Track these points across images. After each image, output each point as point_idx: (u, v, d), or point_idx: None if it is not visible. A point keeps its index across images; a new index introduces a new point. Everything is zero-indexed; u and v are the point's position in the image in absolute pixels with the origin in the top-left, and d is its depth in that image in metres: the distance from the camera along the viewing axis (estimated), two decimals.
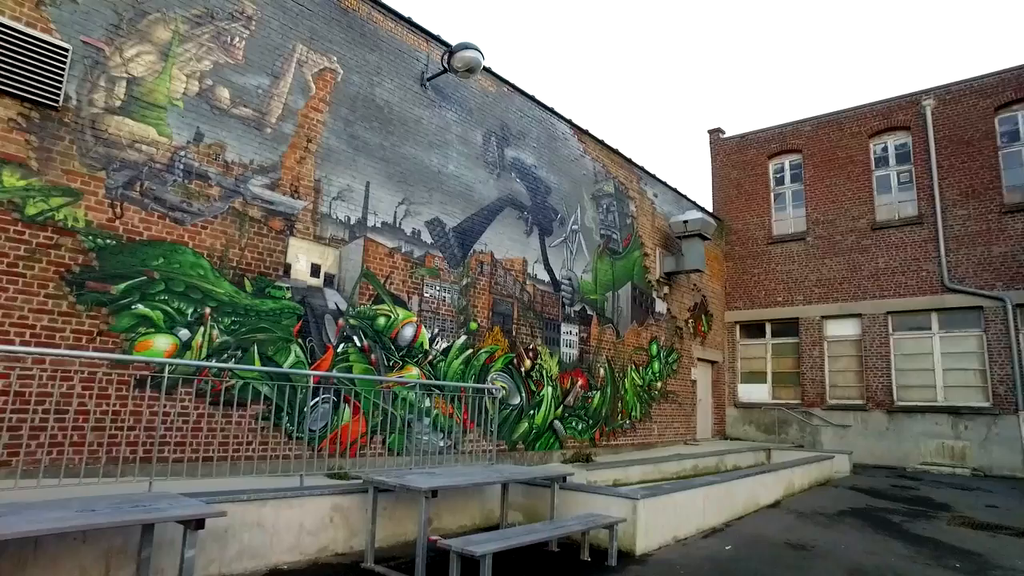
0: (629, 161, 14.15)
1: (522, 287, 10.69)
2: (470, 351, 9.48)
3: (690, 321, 15.94)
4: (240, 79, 7.04)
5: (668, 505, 6.21)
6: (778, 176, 17.51)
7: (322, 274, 7.63)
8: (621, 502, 5.80)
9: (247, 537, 4.60)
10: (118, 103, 6.00)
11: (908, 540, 6.84)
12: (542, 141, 11.60)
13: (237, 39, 7.05)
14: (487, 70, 10.51)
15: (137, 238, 6.03)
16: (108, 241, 5.82)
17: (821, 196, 16.39)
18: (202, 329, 6.42)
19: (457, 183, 9.64)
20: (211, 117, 6.73)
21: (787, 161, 17.36)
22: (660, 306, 14.66)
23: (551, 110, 11.86)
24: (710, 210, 18.18)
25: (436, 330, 8.98)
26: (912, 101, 15.48)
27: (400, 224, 8.66)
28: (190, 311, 6.34)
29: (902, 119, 15.55)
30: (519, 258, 10.69)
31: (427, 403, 8.62)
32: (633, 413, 13.25)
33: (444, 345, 9.07)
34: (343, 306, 7.79)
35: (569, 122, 12.36)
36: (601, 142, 13.22)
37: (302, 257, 7.44)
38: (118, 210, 5.92)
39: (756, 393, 16.81)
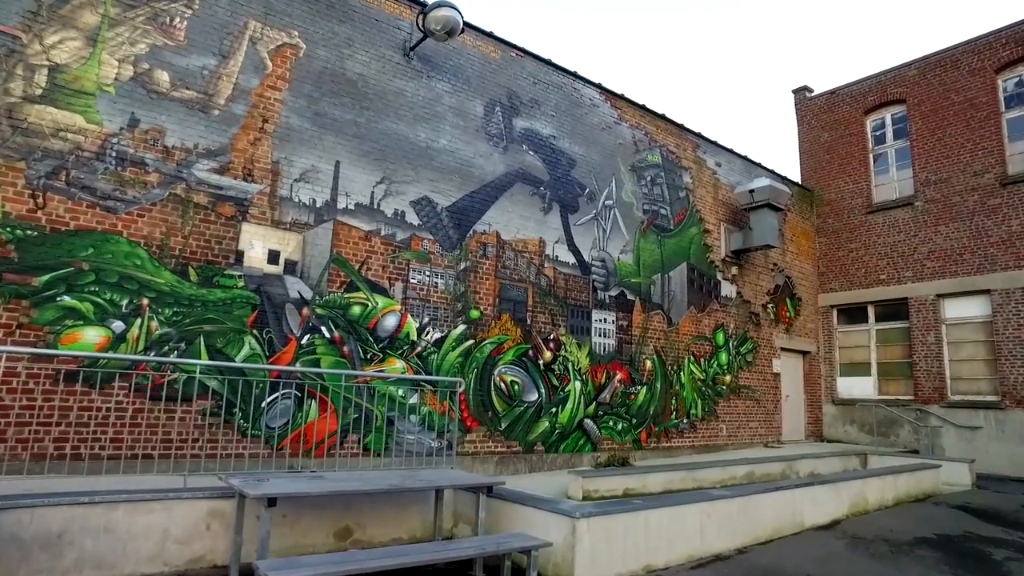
0: (681, 127, 12.52)
1: (538, 270, 9.65)
2: (471, 342, 8.62)
3: (770, 306, 13.88)
4: (181, 61, 6.74)
5: (633, 525, 4.96)
6: (877, 134, 14.79)
7: (282, 261, 7.17)
8: (559, 519, 4.67)
9: (90, 544, 4.13)
10: (39, 91, 5.87)
11: None
12: (562, 109, 10.45)
13: (178, 19, 6.76)
14: (489, 35, 9.61)
15: (62, 228, 5.86)
16: (28, 232, 5.68)
17: (932, 151, 13.55)
18: (139, 321, 6.17)
19: (451, 158, 8.83)
20: (148, 101, 6.48)
21: (888, 115, 14.59)
22: (727, 289, 12.85)
23: (573, 74, 10.67)
24: (797, 180, 15.84)
25: (426, 319, 8.23)
26: None
27: (379, 205, 8.01)
28: (125, 302, 6.10)
29: None
30: (534, 238, 9.66)
31: (413, 399, 7.90)
32: (692, 411, 11.65)
33: (437, 336, 8.29)
34: (308, 295, 7.27)
35: (598, 86, 11.09)
36: (642, 107, 11.77)
37: (257, 243, 7.01)
38: (40, 200, 5.78)
39: (858, 388, 14.28)
